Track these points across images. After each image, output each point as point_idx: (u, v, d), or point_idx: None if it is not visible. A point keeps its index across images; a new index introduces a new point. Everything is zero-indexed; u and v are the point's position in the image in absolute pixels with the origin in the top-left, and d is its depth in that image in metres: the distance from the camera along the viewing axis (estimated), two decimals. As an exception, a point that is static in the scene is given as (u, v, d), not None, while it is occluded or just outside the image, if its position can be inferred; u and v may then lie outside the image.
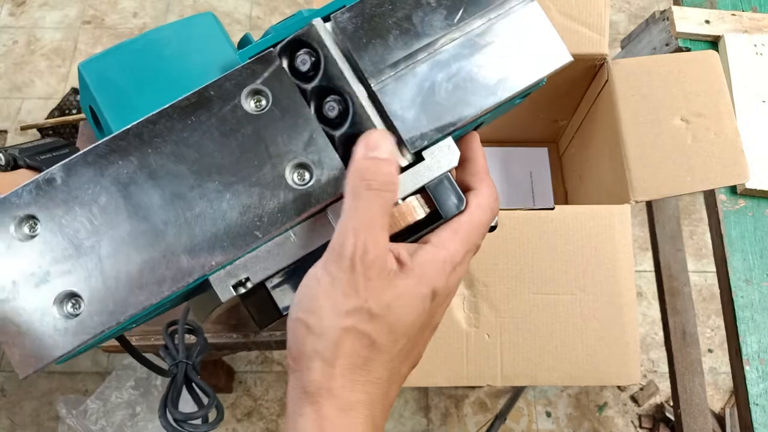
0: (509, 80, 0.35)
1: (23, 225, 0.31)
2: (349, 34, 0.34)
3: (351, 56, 0.34)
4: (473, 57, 0.35)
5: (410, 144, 0.34)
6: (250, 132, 0.33)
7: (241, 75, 0.34)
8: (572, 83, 0.87)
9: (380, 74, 0.34)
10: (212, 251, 0.32)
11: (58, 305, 0.31)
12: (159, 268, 0.32)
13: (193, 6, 1.89)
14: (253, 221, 0.33)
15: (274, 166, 0.33)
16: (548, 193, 1.02)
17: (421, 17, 0.35)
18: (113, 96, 0.35)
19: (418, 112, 0.34)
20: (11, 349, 0.30)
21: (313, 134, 0.34)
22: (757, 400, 0.80)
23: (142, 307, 0.31)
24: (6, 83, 1.78)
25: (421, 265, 0.33)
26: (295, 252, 0.34)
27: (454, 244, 0.34)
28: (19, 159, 0.54)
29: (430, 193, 0.35)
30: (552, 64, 0.36)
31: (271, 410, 1.45)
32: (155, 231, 0.32)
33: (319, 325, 0.31)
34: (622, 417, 1.44)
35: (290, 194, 0.33)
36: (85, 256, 0.31)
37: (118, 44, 0.36)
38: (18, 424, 1.41)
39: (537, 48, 0.36)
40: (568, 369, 0.68)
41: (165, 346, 0.54)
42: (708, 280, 1.56)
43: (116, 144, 0.33)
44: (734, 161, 0.74)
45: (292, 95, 0.34)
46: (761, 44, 0.96)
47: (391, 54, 0.34)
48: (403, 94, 0.34)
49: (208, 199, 0.33)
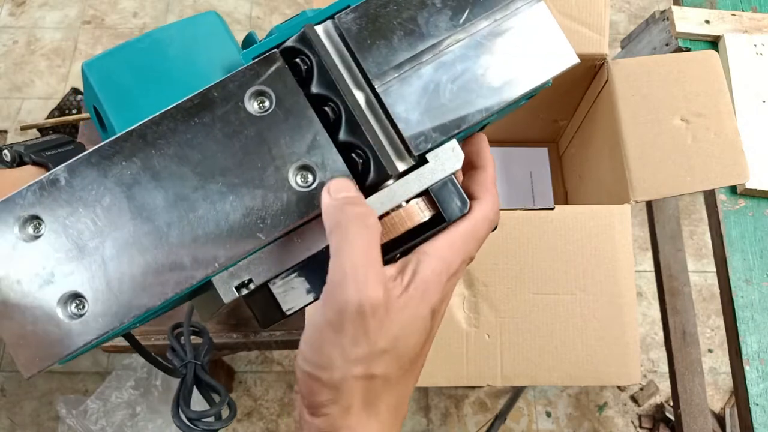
0: (515, 82, 0.35)
1: (27, 225, 0.31)
2: (353, 34, 0.34)
3: (354, 57, 0.34)
4: (479, 58, 0.34)
5: (414, 146, 0.33)
6: (253, 133, 0.33)
7: (244, 76, 0.34)
8: (572, 83, 0.87)
9: (384, 76, 0.34)
10: (215, 253, 0.32)
11: (63, 306, 0.31)
12: (162, 269, 0.32)
13: (193, 6, 1.89)
14: (257, 223, 0.33)
15: (277, 168, 0.33)
16: (548, 193, 1.02)
17: (426, 18, 0.34)
18: (117, 96, 0.35)
19: (422, 114, 0.34)
20: (16, 350, 0.30)
21: (316, 136, 0.34)
22: (757, 400, 0.80)
23: (145, 308, 0.31)
24: (6, 83, 1.78)
25: (421, 284, 0.33)
26: (298, 254, 0.34)
27: (451, 255, 0.34)
28: (24, 155, 0.54)
29: (433, 195, 0.35)
30: (558, 66, 0.35)
31: (271, 410, 1.45)
32: (159, 232, 0.32)
33: (331, 378, 0.31)
34: (622, 417, 1.45)
35: (293, 196, 0.33)
36: (89, 256, 0.31)
37: (122, 44, 0.35)
38: (18, 424, 1.41)
39: (543, 49, 0.35)
40: (568, 369, 0.68)
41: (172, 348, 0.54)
42: (708, 280, 1.56)
43: (120, 145, 0.32)
44: (734, 161, 0.74)
45: (296, 96, 0.34)
46: (761, 44, 0.96)
47: (395, 55, 0.34)
48: (407, 95, 0.34)
49: (211, 201, 0.32)
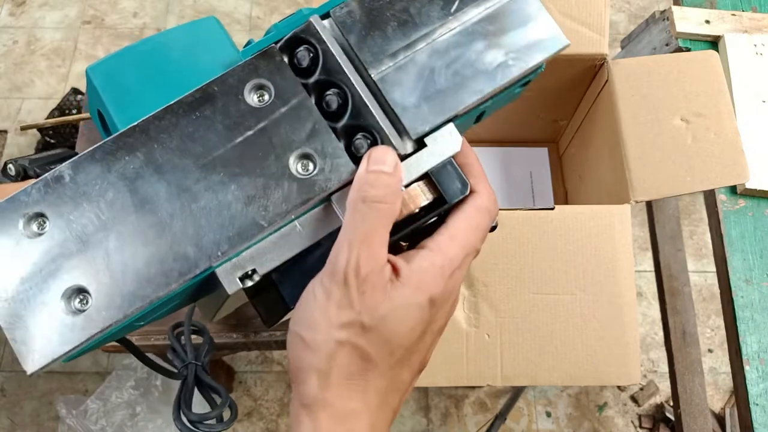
0: (508, 66, 0.36)
1: (32, 223, 0.32)
2: (348, 27, 0.35)
3: (351, 49, 0.35)
4: (471, 44, 0.36)
5: (412, 130, 0.34)
6: (253, 125, 0.34)
7: (243, 70, 0.35)
8: (572, 83, 0.87)
9: (380, 64, 0.35)
10: (218, 242, 0.33)
11: (66, 301, 0.31)
12: (166, 260, 0.32)
13: (193, 6, 1.89)
14: (259, 211, 0.33)
15: (278, 157, 0.34)
16: (548, 193, 1.02)
17: (419, 8, 0.36)
18: (121, 97, 0.36)
19: (419, 99, 0.35)
20: (19, 346, 0.30)
21: (315, 125, 0.34)
22: (757, 400, 0.80)
23: (149, 300, 0.32)
24: (6, 83, 1.78)
25: (417, 273, 0.33)
26: (301, 242, 0.34)
27: (452, 248, 0.34)
28: (29, 169, 0.54)
29: (434, 178, 0.35)
30: (549, 49, 0.36)
31: (271, 410, 1.45)
32: (162, 224, 0.32)
33: (314, 339, 0.32)
34: (622, 417, 1.45)
35: (294, 184, 0.34)
36: (93, 251, 0.32)
37: (125, 47, 0.36)
38: (18, 424, 1.41)
39: (534, 34, 0.36)
40: (568, 369, 0.68)
41: (172, 349, 0.54)
42: (708, 280, 1.56)
43: (123, 141, 0.33)
44: (734, 161, 0.74)
45: (295, 87, 0.35)
46: (761, 44, 0.96)
47: (390, 44, 0.35)
48: (404, 82, 0.35)
49: (213, 191, 0.33)
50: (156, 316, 0.35)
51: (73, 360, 0.32)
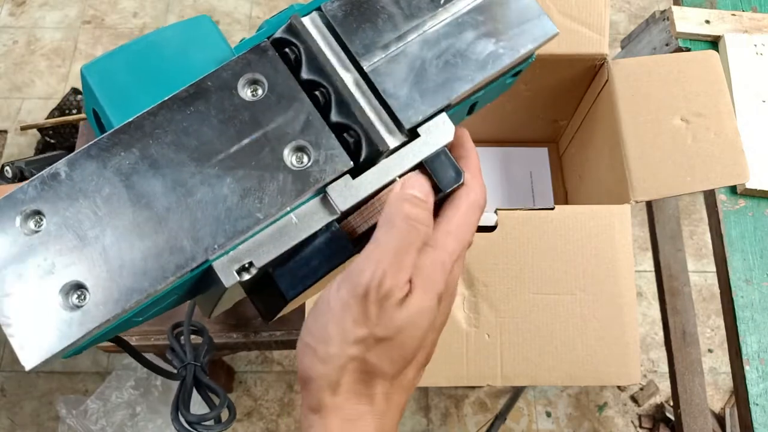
0: (498, 55, 0.36)
1: (29, 220, 0.32)
2: (339, 20, 0.35)
3: (341, 42, 0.35)
4: (462, 35, 0.36)
5: (405, 120, 0.35)
6: (247, 118, 0.34)
7: (237, 65, 0.35)
8: (572, 83, 0.87)
9: (371, 56, 0.35)
10: (215, 235, 0.33)
11: (64, 296, 0.31)
12: (163, 254, 0.32)
13: (193, 6, 1.89)
14: (254, 204, 0.33)
15: (272, 150, 0.34)
16: (548, 193, 1.02)
17: (409, 1, 0.36)
18: (116, 96, 0.36)
19: (411, 89, 0.35)
20: (18, 342, 0.30)
21: (309, 117, 0.35)
22: (757, 400, 0.80)
23: (147, 294, 0.32)
24: (6, 83, 1.78)
25: (425, 274, 0.33)
26: (297, 234, 0.35)
27: (450, 243, 0.35)
28: (25, 171, 0.54)
29: (428, 168, 0.36)
30: (539, 38, 0.37)
31: (271, 410, 1.45)
32: (158, 218, 0.33)
33: (327, 352, 0.32)
34: (622, 417, 1.44)
35: (289, 176, 0.34)
36: (90, 246, 0.32)
37: (119, 46, 0.36)
38: (18, 424, 1.41)
39: (524, 24, 0.37)
40: (568, 369, 0.68)
41: (171, 349, 0.54)
42: (708, 280, 1.56)
43: (118, 137, 0.33)
44: (734, 161, 0.74)
45: (287, 81, 0.35)
46: (761, 44, 0.96)
47: (380, 36, 0.36)
48: (395, 73, 0.35)
49: (209, 185, 0.33)
50: (154, 312, 0.35)
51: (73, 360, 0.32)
